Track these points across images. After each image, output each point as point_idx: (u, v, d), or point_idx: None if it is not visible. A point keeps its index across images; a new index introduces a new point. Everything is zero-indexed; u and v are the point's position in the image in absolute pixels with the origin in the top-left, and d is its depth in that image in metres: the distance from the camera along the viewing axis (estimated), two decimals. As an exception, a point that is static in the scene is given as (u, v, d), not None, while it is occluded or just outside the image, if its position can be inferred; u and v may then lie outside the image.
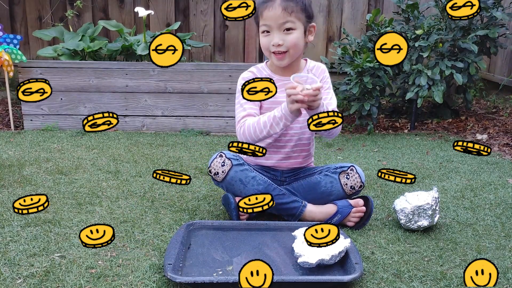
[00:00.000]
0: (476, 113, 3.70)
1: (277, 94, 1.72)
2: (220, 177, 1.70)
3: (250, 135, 1.68)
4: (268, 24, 1.67)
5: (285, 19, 1.65)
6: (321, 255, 1.34)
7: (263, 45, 1.73)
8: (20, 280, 1.27)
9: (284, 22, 1.65)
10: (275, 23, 1.66)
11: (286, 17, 1.65)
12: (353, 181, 1.74)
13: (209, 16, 4.24)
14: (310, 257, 1.33)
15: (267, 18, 1.66)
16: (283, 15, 1.64)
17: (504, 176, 2.33)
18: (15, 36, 3.20)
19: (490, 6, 3.13)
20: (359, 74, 3.19)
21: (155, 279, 1.30)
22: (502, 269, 1.39)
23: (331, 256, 1.34)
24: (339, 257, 1.36)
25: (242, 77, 1.79)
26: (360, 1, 4.28)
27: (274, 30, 1.67)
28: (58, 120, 3.25)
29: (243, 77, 1.79)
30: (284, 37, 1.67)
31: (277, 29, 1.66)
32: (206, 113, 3.29)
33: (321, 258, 1.33)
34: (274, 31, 1.67)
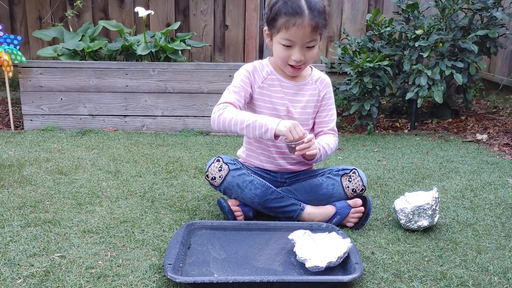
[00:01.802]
0: (476, 113, 3.70)
1: (272, 94, 1.74)
2: (217, 182, 1.70)
3: (223, 123, 1.61)
4: (292, 40, 1.61)
5: (311, 38, 1.61)
6: (328, 258, 1.33)
7: (280, 56, 1.67)
8: (20, 280, 1.27)
9: (310, 40, 1.61)
10: (301, 42, 1.61)
11: (313, 36, 1.61)
12: (355, 184, 1.74)
13: (209, 16, 4.24)
14: (319, 261, 1.32)
15: (294, 35, 1.60)
16: (311, 34, 1.60)
17: (504, 176, 2.33)
18: (16, 37, 3.20)
19: (490, 6, 3.13)
20: (359, 74, 3.19)
21: (155, 279, 1.30)
22: (502, 269, 1.39)
23: (337, 257, 1.34)
24: (342, 258, 1.36)
25: (245, 68, 1.77)
26: (360, 1, 4.28)
27: (297, 47, 1.62)
28: (58, 120, 3.25)
29: (245, 68, 1.77)
30: (305, 53, 1.64)
31: (301, 46, 1.62)
32: (206, 113, 3.29)
33: (329, 261, 1.32)
34: (297, 48, 1.62)
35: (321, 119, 1.82)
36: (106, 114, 3.28)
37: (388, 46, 3.43)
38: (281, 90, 1.76)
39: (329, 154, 1.77)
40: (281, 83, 1.76)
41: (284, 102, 1.75)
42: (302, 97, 1.77)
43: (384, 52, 3.32)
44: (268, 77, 1.76)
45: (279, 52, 1.66)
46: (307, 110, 1.78)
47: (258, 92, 1.75)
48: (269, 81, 1.76)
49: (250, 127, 1.58)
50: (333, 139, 1.80)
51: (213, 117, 1.65)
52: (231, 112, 1.62)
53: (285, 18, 1.59)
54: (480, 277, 1.34)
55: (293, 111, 1.76)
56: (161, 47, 3.40)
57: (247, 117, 1.60)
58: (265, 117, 1.61)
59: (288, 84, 1.76)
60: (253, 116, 1.60)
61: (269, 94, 1.75)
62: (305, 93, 1.77)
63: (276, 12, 1.61)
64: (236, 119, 1.60)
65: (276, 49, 1.67)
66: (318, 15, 1.59)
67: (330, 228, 1.62)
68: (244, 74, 1.75)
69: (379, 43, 3.47)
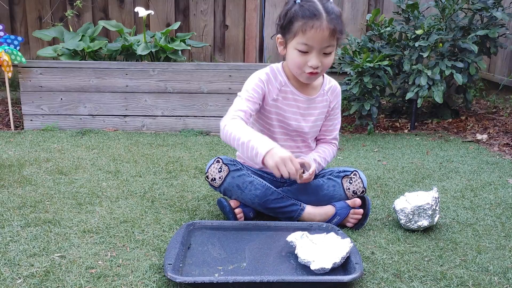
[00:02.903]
0: (476, 113, 3.70)
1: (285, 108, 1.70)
2: (217, 183, 1.70)
3: (227, 137, 1.56)
4: (310, 45, 1.55)
5: (329, 42, 1.55)
6: (333, 259, 1.33)
7: (295, 63, 1.60)
8: (20, 280, 1.27)
9: (327, 46, 1.55)
10: (319, 46, 1.55)
11: (331, 41, 1.55)
12: (356, 186, 1.74)
13: (209, 16, 4.24)
14: (324, 262, 1.32)
15: (311, 39, 1.53)
16: (329, 38, 1.54)
17: (504, 176, 2.33)
18: (16, 37, 3.20)
19: (490, 6, 3.13)
20: (359, 74, 3.19)
21: (155, 279, 1.30)
22: (502, 269, 1.39)
23: (341, 258, 1.34)
24: (345, 258, 1.36)
25: (258, 76, 1.68)
26: (360, 1, 4.28)
27: (315, 51, 1.56)
28: (58, 120, 3.25)
29: (259, 77, 1.68)
30: (322, 59, 1.58)
31: (318, 51, 1.56)
32: (206, 113, 3.29)
33: (334, 262, 1.32)
34: (314, 53, 1.56)
35: (326, 127, 1.82)
36: (106, 114, 3.28)
37: (388, 46, 3.43)
38: (294, 104, 1.72)
39: (324, 166, 1.81)
40: (295, 97, 1.71)
41: (296, 117, 1.73)
42: (314, 110, 1.75)
43: (384, 52, 3.32)
44: (281, 88, 1.70)
45: (294, 58, 1.59)
46: (317, 123, 1.78)
47: (271, 105, 1.70)
48: (283, 94, 1.70)
49: (244, 146, 1.50)
50: (332, 150, 1.83)
51: (221, 127, 1.60)
52: (234, 125, 1.55)
53: (302, 21, 1.54)
54: (480, 277, 1.34)
55: (303, 125, 1.74)
56: (161, 47, 3.40)
57: (244, 134, 1.51)
58: (259, 139, 1.50)
59: (301, 98, 1.72)
60: (249, 134, 1.51)
61: (282, 108, 1.71)
62: (317, 106, 1.75)
63: (292, 15, 1.56)
64: (234, 134, 1.53)
65: (291, 55, 1.60)
66: (335, 18, 1.55)
67: (330, 228, 1.62)
68: (257, 84, 1.67)
69: (379, 43, 3.47)
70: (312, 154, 1.78)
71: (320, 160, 1.78)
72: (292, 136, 1.76)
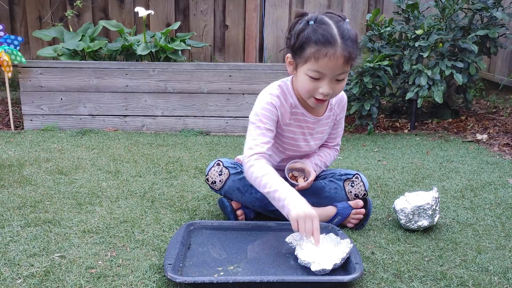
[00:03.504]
0: (476, 113, 3.70)
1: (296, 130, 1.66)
2: (217, 186, 1.69)
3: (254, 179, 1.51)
4: (322, 72, 1.45)
5: (343, 69, 1.45)
6: (334, 260, 1.33)
7: (306, 89, 1.51)
8: (20, 280, 1.27)
9: (341, 73, 1.46)
10: (332, 74, 1.45)
11: (344, 68, 1.45)
12: (358, 189, 1.73)
13: (209, 16, 4.24)
14: (325, 264, 1.31)
15: (324, 67, 1.44)
16: (343, 66, 1.44)
17: (504, 176, 2.33)
18: (16, 38, 3.20)
19: (490, 6, 3.13)
20: (359, 74, 3.19)
21: (155, 279, 1.30)
22: (502, 269, 1.39)
23: (341, 258, 1.34)
24: (345, 259, 1.36)
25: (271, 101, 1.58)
26: (360, 1, 4.28)
27: (327, 79, 1.47)
28: (58, 120, 3.25)
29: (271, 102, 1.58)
30: (334, 86, 1.49)
31: (331, 79, 1.47)
32: (206, 113, 3.29)
33: (335, 263, 1.32)
34: (326, 80, 1.47)
35: (330, 135, 1.81)
36: (106, 114, 3.28)
37: (388, 46, 3.43)
38: (304, 126, 1.68)
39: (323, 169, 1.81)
40: (305, 118, 1.66)
41: (305, 138, 1.71)
42: (322, 127, 1.72)
43: (384, 52, 3.32)
44: (292, 110, 1.64)
45: (304, 84, 1.50)
46: (324, 138, 1.77)
47: (284, 129, 1.66)
48: (293, 116, 1.64)
49: (270, 195, 1.46)
50: (333, 155, 1.83)
51: (245, 165, 1.54)
52: (258, 170, 1.49)
53: (315, 48, 1.43)
54: (480, 277, 1.34)
55: (312, 144, 1.73)
56: (161, 47, 3.40)
57: (271, 183, 1.46)
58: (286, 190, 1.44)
59: (311, 119, 1.67)
60: (277, 183, 1.45)
61: (294, 131, 1.67)
62: (324, 122, 1.72)
63: (305, 40, 1.45)
64: (260, 180, 1.48)
65: (302, 80, 1.51)
66: (351, 44, 1.44)
67: (330, 228, 1.61)
68: (271, 110, 1.59)
69: (379, 43, 3.47)
70: (313, 158, 1.77)
71: (321, 164, 1.78)
72: (300, 153, 1.74)
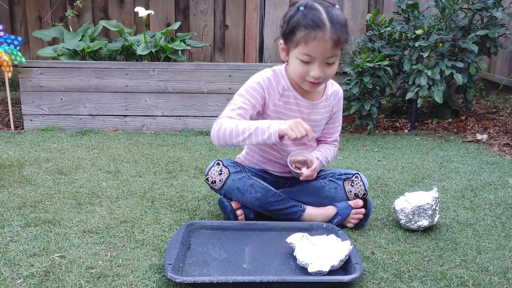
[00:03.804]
0: (476, 113, 3.70)
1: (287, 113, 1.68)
2: (217, 186, 1.69)
3: (225, 138, 1.56)
4: (312, 55, 1.50)
5: (332, 53, 1.50)
6: (331, 262, 1.32)
7: (297, 73, 1.56)
8: (20, 280, 1.27)
9: (331, 56, 1.51)
10: (321, 57, 1.50)
11: (334, 51, 1.50)
12: (358, 189, 1.74)
13: (209, 16, 4.24)
14: (321, 265, 1.31)
15: (314, 50, 1.49)
16: (332, 49, 1.49)
17: (504, 176, 2.33)
18: (16, 38, 3.20)
19: (490, 6, 3.13)
20: (359, 74, 3.19)
21: (155, 279, 1.30)
22: (502, 269, 1.39)
23: (339, 261, 1.33)
24: (344, 261, 1.35)
25: (259, 81, 1.64)
26: (360, 1, 4.28)
27: (317, 62, 1.52)
28: (58, 120, 3.25)
29: (259, 81, 1.64)
30: (325, 69, 1.54)
31: (321, 62, 1.52)
32: (206, 113, 3.29)
33: (332, 265, 1.32)
34: (317, 64, 1.52)
35: (327, 130, 1.82)
36: (106, 114, 3.28)
37: (388, 46, 3.43)
38: (296, 109, 1.69)
39: (324, 165, 1.82)
40: (297, 101, 1.68)
41: None
42: (316, 115, 1.73)
43: (384, 52, 3.32)
44: (284, 93, 1.67)
45: (296, 67, 1.56)
46: (320, 128, 1.77)
47: (272, 110, 1.67)
48: (285, 98, 1.67)
49: (252, 135, 1.52)
50: (332, 151, 1.84)
51: (212, 132, 1.59)
52: (230, 123, 1.56)
53: (304, 32, 1.48)
54: (480, 277, 1.34)
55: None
56: (161, 47, 3.40)
57: (248, 125, 1.53)
58: (265, 121, 1.54)
59: (305, 103, 1.69)
60: (253, 123, 1.54)
61: (284, 113, 1.68)
62: (319, 111, 1.73)
63: (295, 25, 1.50)
64: (237, 129, 1.53)
65: (293, 64, 1.56)
66: (340, 28, 1.49)
67: (330, 228, 1.62)
68: (256, 88, 1.64)
69: (379, 43, 3.47)
70: (314, 153, 1.77)
71: (322, 159, 1.77)
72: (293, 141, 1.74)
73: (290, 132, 1.47)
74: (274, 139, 1.50)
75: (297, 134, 1.47)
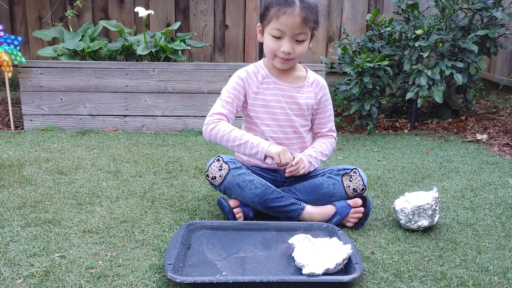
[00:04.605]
0: (476, 113, 3.70)
1: (268, 98, 1.75)
2: (217, 182, 1.70)
3: (215, 138, 1.69)
4: (282, 30, 1.62)
5: (301, 30, 1.62)
6: (326, 265, 1.32)
7: (269, 48, 1.69)
8: (20, 280, 1.27)
9: (299, 33, 1.63)
10: (291, 32, 1.62)
11: (302, 28, 1.62)
12: (356, 184, 1.74)
13: (209, 16, 4.24)
14: (316, 268, 1.30)
15: (284, 24, 1.61)
16: (301, 25, 1.61)
17: (504, 176, 2.33)
18: (16, 38, 3.20)
19: (490, 6, 3.13)
20: (359, 74, 3.19)
21: (155, 279, 1.30)
22: (502, 269, 1.39)
23: (336, 264, 1.32)
24: (342, 265, 1.34)
25: (238, 75, 1.77)
26: (360, 1, 4.28)
27: (287, 37, 1.64)
28: (58, 120, 3.25)
29: (239, 75, 1.77)
30: (295, 46, 1.65)
31: (290, 37, 1.63)
32: (206, 113, 3.28)
33: (327, 268, 1.31)
34: (286, 39, 1.64)
35: (319, 121, 1.85)
36: (106, 114, 3.28)
37: (388, 46, 3.43)
38: (277, 93, 1.76)
39: (324, 159, 1.83)
40: (277, 86, 1.77)
41: (281, 105, 1.76)
42: (300, 99, 1.78)
43: (384, 52, 3.32)
44: (263, 80, 1.77)
45: (268, 43, 1.68)
46: (305, 113, 1.80)
47: (254, 98, 1.76)
48: (264, 85, 1.77)
49: (242, 146, 1.65)
50: (328, 143, 1.85)
51: (205, 129, 1.71)
52: (224, 127, 1.68)
53: (276, 8, 1.62)
54: (480, 277, 1.34)
55: (290, 113, 1.77)
56: (161, 47, 3.40)
57: (240, 135, 1.66)
58: (257, 138, 1.66)
59: (285, 86, 1.77)
60: (246, 135, 1.66)
61: (265, 98, 1.76)
62: (302, 96, 1.78)
63: (269, 4, 1.66)
64: (228, 136, 1.66)
65: (266, 41, 1.68)
66: (308, 8, 1.62)
67: (330, 228, 1.62)
68: (236, 82, 1.76)
69: (379, 43, 3.48)
70: (307, 150, 1.80)
71: (316, 155, 1.79)
72: (282, 126, 1.77)
73: (277, 157, 1.62)
74: (260, 157, 1.65)
75: (282, 160, 1.62)
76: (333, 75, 4.02)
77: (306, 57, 4.30)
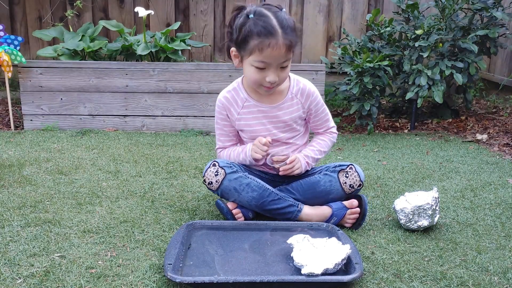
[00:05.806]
0: (476, 113, 3.70)
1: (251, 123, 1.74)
2: (214, 186, 1.70)
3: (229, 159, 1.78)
4: (267, 62, 1.56)
5: (286, 57, 1.57)
6: (325, 265, 1.31)
7: (253, 79, 1.61)
8: (20, 280, 1.28)
9: (285, 60, 1.57)
10: (276, 62, 1.56)
11: (287, 55, 1.57)
12: (352, 180, 1.73)
13: (209, 16, 4.24)
14: (314, 268, 1.30)
15: (269, 57, 1.54)
16: (285, 54, 1.55)
17: (504, 176, 2.33)
18: (16, 38, 3.20)
19: (490, 6, 3.13)
20: (359, 74, 3.18)
21: (155, 279, 1.30)
22: (502, 269, 1.39)
23: (335, 264, 1.32)
24: (341, 265, 1.34)
25: (218, 103, 1.76)
26: (360, 1, 4.28)
27: (272, 68, 1.58)
28: (58, 120, 3.25)
29: (218, 103, 1.76)
30: (279, 73, 1.60)
31: (275, 67, 1.58)
32: (206, 113, 3.29)
33: (325, 268, 1.31)
34: (272, 69, 1.58)
35: (314, 124, 1.83)
36: (106, 114, 3.28)
37: (388, 46, 3.43)
38: (259, 116, 1.73)
39: (322, 157, 1.82)
40: (259, 108, 1.73)
41: (266, 127, 1.74)
42: (284, 115, 1.73)
43: (384, 52, 3.32)
44: (244, 105, 1.74)
45: (251, 74, 1.60)
46: (294, 126, 1.76)
47: (238, 124, 1.76)
48: (245, 109, 1.74)
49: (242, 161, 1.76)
50: (327, 139, 1.84)
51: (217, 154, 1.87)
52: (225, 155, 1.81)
53: (258, 40, 1.52)
54: (480, 277, 1.34)
55: (276, 131, 1.75)
56: (161, 47, 3.40)
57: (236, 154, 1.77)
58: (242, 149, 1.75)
59: (266, 108, 1.73)
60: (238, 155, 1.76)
61: (248, 123, 1.74)
62: (286, 111, 1.73)
63: (247, 33, 1.54)
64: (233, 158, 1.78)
65: (249, 71, 1.61)
66: (290, 32, 1.55)
67: (330, 228, 1.62)
68: (219, 111, 1.78)
69: (379, 43, 3.47)
70: (304, 150, 1.79)
71: (313, 154, 1.78)
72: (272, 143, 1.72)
73: (256, 155, 1.68)
74: (254, 162, 1.74)
75: (261, 153, 1.67)
76: (333, 75, 4.02)
77: (306, 57, 4.31)
